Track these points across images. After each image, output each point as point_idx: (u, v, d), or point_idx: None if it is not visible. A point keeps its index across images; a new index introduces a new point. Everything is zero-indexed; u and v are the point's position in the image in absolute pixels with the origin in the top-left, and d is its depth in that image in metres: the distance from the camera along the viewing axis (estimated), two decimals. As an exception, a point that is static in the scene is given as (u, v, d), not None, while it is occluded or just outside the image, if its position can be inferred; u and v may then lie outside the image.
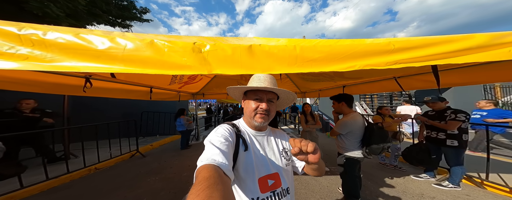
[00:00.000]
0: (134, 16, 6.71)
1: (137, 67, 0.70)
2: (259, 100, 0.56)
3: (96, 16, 5.74)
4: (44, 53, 0.58)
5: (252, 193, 0.49)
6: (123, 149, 3.34)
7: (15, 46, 0.55)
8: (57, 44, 0.59)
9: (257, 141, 0.58)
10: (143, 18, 7.06)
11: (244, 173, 0.50)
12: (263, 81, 0.57)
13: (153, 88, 2.75)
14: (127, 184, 2.24)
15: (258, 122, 0.55)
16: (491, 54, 0.68)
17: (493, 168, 2.05)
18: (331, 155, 3.19)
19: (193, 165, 3.16)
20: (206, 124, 7.83)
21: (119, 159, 3.19)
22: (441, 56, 0.73)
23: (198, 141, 5.09)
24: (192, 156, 3.53)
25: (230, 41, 2.68)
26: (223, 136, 0.48)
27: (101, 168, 2.77)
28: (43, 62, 0.57)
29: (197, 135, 5.25)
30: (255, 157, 0.53)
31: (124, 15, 6.50)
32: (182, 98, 4.13)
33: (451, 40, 0.73)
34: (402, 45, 0.78)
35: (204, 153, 0.42)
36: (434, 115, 1.99)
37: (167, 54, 0.73)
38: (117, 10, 6.09)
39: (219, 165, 0.37)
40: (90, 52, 0.63)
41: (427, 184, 2.06)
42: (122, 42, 0.69)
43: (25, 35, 0.56)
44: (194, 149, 4.06)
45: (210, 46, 0.78)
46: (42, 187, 2.03)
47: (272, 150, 0.58)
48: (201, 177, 0.32)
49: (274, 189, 0.52)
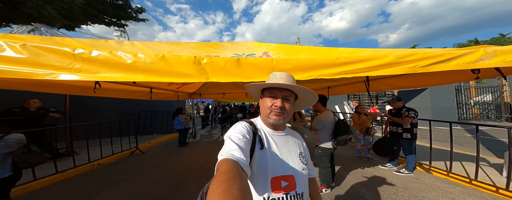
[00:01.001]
0: (129, 15, 6.67)
1: (154, 76, 0.97)
2: (274, 97, 0.55)
3: (92, 16, 5.74)
4: (90, 67, 0.83)
5: (263, 191, 0.48)
6: (122, 147, 3.52)
7: (72, 63, 0.80)
8: (98, 60, 0.85)
9: (273, 140, 0.56)
10: (138, 18, 7.05)
11: (257, 171, 0.49)
12: (279, 79, 0.56)
13: (153, 88, 2.97)
14: (130, 177, 2.46)
15: (272, 119, 0.54)
16: (395, 69, 1.02)
17: (438, 157, 2.49)
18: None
19: (191, 161, 3.50)
20: (203, 123, 8.03)
21: (120, 155, 3.37)
22: (367, 69, 1.06)
23: (195, 139, 5.31)
24: (190, 152, 3.76)
25: (226, 47, 3.00)
26: (241, 133, 0.49)
27: (103, 163, 2.96)
28: (90, 73, 0.83)
29: (194, 133, 5.45)
30: (270, 156, 0.52)
31: (120, 15, 6.47)
32: (179, 98, 4.35)
33: (373, 58, 1.06)
34: (344, 60, 1.10)
35: (224, 147, 0.44)
36: (394, 113, 2.40)
37: (175, 65, 1.00)
38: (112, 10, 6.08)
39: (237, 160, 0.38)
40: (120, 65, 0.89)
41: (389, 171, 2.45)
42: (142, 57, 0.96)
43: (78, 54, 0.82)
44: (192, 147, 4.28)
45: (207, 59, 1.07)
46: (51, 180, 2.21)
47: (289, 151, 0.57)
48: (222, 170, 0.33)
49: (288, 192, 0.50)
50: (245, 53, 2.28)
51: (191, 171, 2.64)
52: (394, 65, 1.02)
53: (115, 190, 2.07)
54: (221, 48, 2.54)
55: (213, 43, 2.76)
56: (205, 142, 4.88)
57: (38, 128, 2.39)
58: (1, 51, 0.69)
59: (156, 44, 1.86)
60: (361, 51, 1.67)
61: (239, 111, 8.48)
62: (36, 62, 0.73)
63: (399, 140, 2.33)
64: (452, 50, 1.01)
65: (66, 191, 2.05)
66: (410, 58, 1.01)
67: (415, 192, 1.89)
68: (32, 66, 0.72)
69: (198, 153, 3.64)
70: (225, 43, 2.94)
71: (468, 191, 1.92)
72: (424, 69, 0.97)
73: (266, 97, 0.56)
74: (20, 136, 1.39)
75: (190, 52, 1.89)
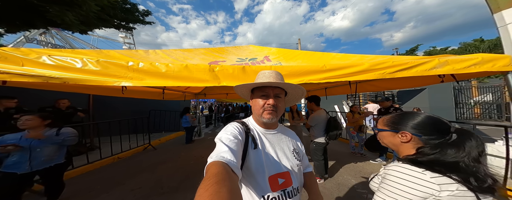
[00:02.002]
0: (137, 19, 7.03)
1: (180, 81, 1.26)
2: (265, 96, 0.54)
3: (104, 21, 6.17)
4: (138, 75, 1.14)
5: (263, 191, 0.48)
6: (134, 143, 3.87)
7: (127, 73, 1.11)
8: (143, 70, 1.16)
9: (267, 139, 0.56)
10: (145, 21, 7.41)
11: (254, 171, 0.49)
12: (268, 77, 0.56)
13: (165, 89, 3.31)
14: (147, 169, 2.79)
15: (266, 118, 0.53)
16: (369, 75, 1.28)
17: None
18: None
19: (199, 156, 3.91)
20: (207, 122, 8.39)
21: (135, 151, 3.73)
22: (347, 75, 1.32)
23: (200, 136, 5.65)
24: (196, 148, 4.08)
25: (230, 51, 3.37)
26: (232, 134, 0.48)
27: (122, 157, 3.31)
28: (138, 80, 1.13)
29: (199, 131, 5.79)
30: (264, 155, 0.52)
31: (128, 18, 6.84)
32: (186, 98, 4.70)
33: (352, 65, 1.32)
34: (330, 67, 1.37)
35: (215, 150, 0.43)
36: (383, 112, 2.64)
37: (195, 73, 1.30)
38: (121, 14, 6.48)
39: (227, 162, 0.37)
40: (158, 73, 1.19)
41: (378, 165, 2.70)
42: (172, 67, 1.26)
43: (130, 66, 1.12)
44: (198, 144, 4.62)
45: (219, 67, 1.36)
46: (82, 170, 2.57)
47: (283, 149, 0.57)
48: (210, 173, 0.33)
49: (285, 188, 0.51)
50: (247, 57, 2.58)
51: (199, 165, 2.94)
52: (368, 71, 1.29)
53: (137, 179, 2.40)
54: (226, 53, 2.84)
55: (219, 48, 3.07)
56: (209, 139, 5.23)
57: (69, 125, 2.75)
58: (84, 65, 1.00)
59: (173, 52, 2.17)
60: (350, 57, 1.94)
61: (241, 110, 8.81)
62: (106, 73, 1.04)
63: None
64: (414, 59, 1.26)
65: (97, 179, 2.39)
66: (381, 66, 1.27)
67: None
68: (104, 76, 1.03)
69: (204, 149, 3.95)
70: (229, 48, 3.24)
71: None
72: (391, 75, 1.23)
73: (257, 97, 0.56)
74: (74, 131, 1.66)
75: (200, 58, 2.21)
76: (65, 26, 4.88)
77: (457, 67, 1.17)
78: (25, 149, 1.42)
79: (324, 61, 1.91)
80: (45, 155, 1.49)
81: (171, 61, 1.71)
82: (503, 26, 1.95)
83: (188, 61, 1.85)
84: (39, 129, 1.50)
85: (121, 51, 1.56)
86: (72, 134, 1.65)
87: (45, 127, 1.54)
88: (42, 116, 1.55)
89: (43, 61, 0.92)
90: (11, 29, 5.08)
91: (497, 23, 2.02)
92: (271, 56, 2.73)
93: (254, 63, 2.09)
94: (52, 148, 1.54)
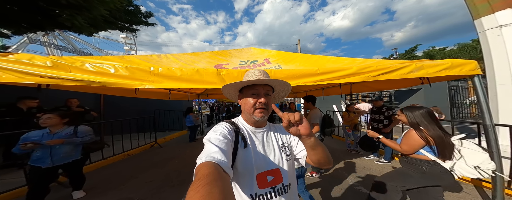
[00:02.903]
0: (140, 20, 7.21)
1: (192, 84, 1.46)
2: (256, 95, 0.55)
3: (111, 24, 6.39)
4: (158, 79, 1.33)
5: (250, 189, 0.48)
6: (142, 141, 4.08)
7: (150, 77, 1.30)
8: (162, 74, 1.35)
9: (256, 137, 0.56)
10: (148, 22, 7.58)
11: (243, 170, 0.49)
12: (258, 76, 0.56)
13: (171, 90, 3.51)
14: (156, 165, 2.99)
15: (258, 117, 0.53)
16: (356, 78, 1.47)
17: None
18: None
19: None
20: (208, 121, 8.61)
21: (142, 148, 3.94)
22: (337, 78, 1.51)
23: (203, 135, 5.86)
24: (200, 147, 4.05)
25: (233, 54, 3.63)
26: (221, 134, 0.48)
27: (132, 154, 3.52)
28: (158, 83, 1.32)
29: (202, 130, 6.00)
30: (254, 153, 0.52)
31: (132, 20, 7.03)
32: (190, 98, 4.91)
33: (342, 69, 1.51)
34: (323, 71, 1.56)
35: (204, 151, 0.42)
36: (375, 110, 2.82)
37: (205, 76, 1.49)
38: (125, 16, 6.68)
39: (218, 162, 0.37)
40: (174, 77, 1.39)
41: (371, 161, 2.89)
42: (185, 71, 1.45)
43: (151, 71, 1.32)
44: (200, 142, 4.71)
45: (225, 71, 1.55)
46: (98, 165, 2.78)
47: (271, 146, 0.57)
48: (201, 174, 0.32)
49: (274, 185, 0.51)
50: (249, 59, 2.77)
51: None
52: (356, 75, 1.48)
53: (149, 173, 2.60)
54: (229, 56, 3.05)
55: (222, 52, 3.28)
56: (212, 138, 5.46)
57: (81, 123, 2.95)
58: (116, 71, 1.19)
59: (182, 56, 2.37)
60: (343, 60, 2.14)
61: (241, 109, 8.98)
62: (133, 77, 1.23)
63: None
64: (395, 63, 1.45)
65: (113, 173, 2.61)
66: (367, 69, 1.46)
67: None
68: (132, 80, 1.22)
69: (208, 147, 4.17)
70: (232, 50, 3.44)
71: None
72: (375, 78, 1.42)
73: (248, 96, 0.56)
74: (90, 129, 1.82)
75: (206, 61, 2.41)
76: (75, 29, 5.10)
77: (431, 71, 1.36)
78: (46, 146, 1.55)
79: (320, 64, 2.11)
80: (63, 151, 1.64)
81: (181, 65, 1.91)
82: (482, 31, 2.14)
83: (196, 65, 2.05)
84: (58, 126, 1.64)
85: (139, 56, 1.76)
86: (89, 132, 1.80)
87: (63, 125, 1.68)
88: (61, 114, 1.68)
89: (86, 68, 1.12)
90: (19, 32, 5.30)
91: (477, 29, 2.20)
92: (271, 58, 2.94)
93: (255, 66, 2.29)
94: (70, 145, 1.68)
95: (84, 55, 22.54)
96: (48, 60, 1.07)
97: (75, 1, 4.15)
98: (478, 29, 2.17)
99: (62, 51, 20.66)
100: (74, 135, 1.69)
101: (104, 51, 25.82)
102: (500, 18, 1.91)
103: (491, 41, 1.98)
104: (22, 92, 2.39)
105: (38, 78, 1.04)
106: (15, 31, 5.18)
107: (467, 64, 1.36)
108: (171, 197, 1.91)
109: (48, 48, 19.84)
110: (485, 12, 2.06)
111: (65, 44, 21.14)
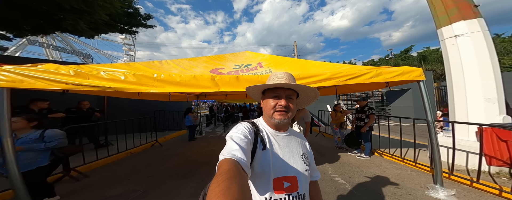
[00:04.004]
0: (139, 23, 7.33)
1: (190, 88, 1.70)
2: (277, 97, 0.55)
3: (111, 27, 6.57)
4: (160, 84, 1.58)
5: (265, 191, 0.49)
6: (142, 140, 4.31)
7: (153, 82, 1.54)
8: (164, 80, 1.60)
9: (276, 141, 0.55)
10: (147, 25, 7.70)
11: (259, 171, 0.49)
12: (281, 79, 0.56)
13: (171, 92, 3.75)
14: (157, 161, 3.23)
15: (277, 119, 0.53)
16: (330, 82, 1.74)
17: (397, 145, 3.14)
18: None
19: (201, 151, 4.46)
20: (207, 121, 8.83)
21: (144, 147, 4.16)
22: (315, 82, 1.77)
23: (202, 135, 6.10)
24: (199, 145, 4.52)
25: (228, 59, 3.97)
26: (242, 133, 0.49)
27: (134, 152, 3.75)
28: (160, 88, 1.57)
29: (200, 130, 6.24)
30: (272, 157, 0.52)
31: (132, 23, 7.17)
32: (189, 99, 5.15)
33: (318, 74, 1.77)
34: (303, 76, 1.81)
35: (226, 147, 0.44)
36: (359, 110, 3.10)
37: (201, 81, 1.74)
38: (125, 18, 6.82)
39: (238, 160, 0.38)
40: (174, 82, 1.63)
41: (353, 156, 3.17)
42: (184, 77, 1.70)
43: (155, 77, 1.56)
44: (199, 141, 5.06)
45: (218, 77, 1.81)
46: (104, 161, 3.01)
47: (292, 152, 0.56)
48: (222, 169, 0.34)
49: (290, 192, 0.50)
50: (243, 63, 3.03)
51: (203, 158, 3.39)
52: (329, 79, 1.75)
53: (151, 169, 2.85)
54: (225, 60, 3.30)
55: (218, 56, 3.54)
56: (210, 137, 5.67)
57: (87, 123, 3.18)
58: (126, 78, 1.44)
59: (181, 61, 2.62)
60: (325, 64, 2.41)
61: (240, 110, 9.25)
62: (139, 83, 1.48)
63: (361, 132, 3.05)
64: (360, 70, 1.72)
65: (118, 169, 2.85)
66: (337, 75, 1.73)
67: (363, 169, 2.63)
68: (138, 85, 1.47)
69: (206, 146, 4.40)
70: (228, 55, 3.70)
71: (399, 166, 2.68)
72: (344, 82, 1.69)
73: (269, 97, 0.56)
74: (60, 133, 1.59)
75: (203, 66, 2.66)
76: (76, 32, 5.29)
77: (387, 77, 1.63)
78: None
79: (305, 68, 2.37)
80: (27, 157, 1.45)
81: (180, 70, 2.16)
82: (443, 40, 2.43)
83: (194, 70, 2.30)
84: (24, 130, 1.49)
85: (143, 63, 2.01)
86: (57, 136, 1.58)
87: (31, 128, 1.52)
88: (28, 117, 1.52)
89: (101, 75, 1.36)
90: (20, 34, 5.46)
91: (439, 37, 2.49)
92: (264, 62, 3.22)
93: (248, 70, 2.55)
94: (34, 151, 1.48)
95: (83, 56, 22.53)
96: (71, 69, 1.32)
97: (78, 6, 4.36)
98: (439, 38, 2.46)
99: (61, 52, 20.66)
100: (40, 139, 1.52)
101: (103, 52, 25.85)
102: (456, 29, 2.20)
103: (449, 49, 2.26)
104: (33, 95, 2.61)
105: (64, 85, 1.28)
106: (16, 33, 5.36)
107: (414, 71, 1.64)
108: (172, 188, 2.14)
109: (47, 50, 19.84)
110: (445, 23, 2.35)
111: (63, 45, 21.13)
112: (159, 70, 1.78)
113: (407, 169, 2.55)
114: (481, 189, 1.79)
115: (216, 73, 2.05)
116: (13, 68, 1.22)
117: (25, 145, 1.45)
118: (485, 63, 2.05)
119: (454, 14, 2.21)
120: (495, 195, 1.68)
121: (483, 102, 2.06)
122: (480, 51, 2.08)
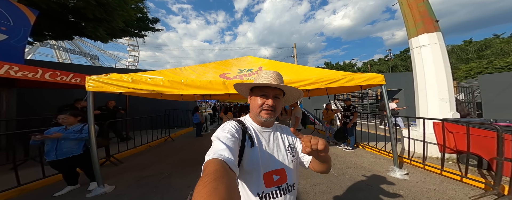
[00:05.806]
0: (148, 27, 7.70)
1: (207, 91, 2.23)
2: (265, 96, 0.56)
3: (125, 32, 7.19)
4: (186, 87, 2.12)
5: (257, 187, 0.50)
6: (156, 136, 4.89)
7: (181, 86, 2.07)
8: (188, 84, 2.12)
9: (263, 137, 0.57)
10: (155, 28, 8.06)
11: (249, 168, 0.51)
12: (269, 78, 0.56)
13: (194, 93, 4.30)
14: (173, 153, 3.80)
15: (264, 117, 0.55)
16: (315, 85, 2.25)
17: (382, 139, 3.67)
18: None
19: (208, 145, 5.20)
20: (211, 120, 9.42)
21: (158, 141, 4.75)
22: (303, 85, 2.27)
23: (207, 132, 6.69)
24: (206, 140, 5.10)
25: (233, 64, 4.66)
26: (229, 132, 0.49)
27: (152, 145, 4.34)
28: (185, 90, 2.10)
29: (206, 127, 6.82)
30: (260, 152, 0.53)
31: (141, 27, 7.73)
32: (196, 98, 5.72)
33: (305, 79, 2.28)
34: (294, 80, 2.32)
35: (212, 148, 0.44)
36: (346, 108, 3.61)
37: (215, 85, 2.26)
38: (136, 23, 7.38)
39: (225, 160, 0.38)
40: (196, 86, 2.16)
41: (341, 149, 3.64)
42: (202, 81, 2.24)
43: (182, 82, 2.10)
44: (206, 137, 5.65)
45: (227, 81, 2.33)
46: (130, 152, 3.61)
47: (278, 146, 0.58)
48: (208, 170, 0.33)
49: (279, 185, 0.52)
50: (246, 68, 3.57)
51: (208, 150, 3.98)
52: (314, 83, 2.25)
53: (169, 158, 3.41)
54: (230, 65, 3.85)
55: (224, 62, 4.09)
56: (215, 133, 6.29)
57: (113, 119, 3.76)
58: (164, 83, 1.98)
59: (196, 68, 3.16)
60: (316, 70, 2.92)
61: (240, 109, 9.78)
62: (172, 87, 2.01)
63: (346, 128, 3.55)
64: (337, 75, 2.21)
65: (144, 157, 3.43)
66: (321, 80, 2.24)
67: (346, 158, 3.13)
68: (172, 88, 2.01)
69: (212, 140, 4.97)
70: (232, 60, 4.24)
71: (376, 156, 3.19)
72: (325, 86, 2.20)
73: (257, 95, 0.57)
74: (96, 128, 1.89)
75: (213, 71, 3.20)
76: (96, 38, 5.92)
77: (358, 82, 2.14)
78: (54, 140, 1.70)
79: (298, 73, 2.89)
80: (66, 146, 1.75)
81: (196, 76, 2.69)
82: (412, 49, 2.91)
83: (206, 75, 2.83)
84: (73, 124, 1.83)
85: (169, 70, 2.56)
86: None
87: (78, 122, 1.86)
88: (73, 114, 1.86)
89: (148, 81, 1.91)
90: (40, 39, 6.08)
91: (410, 47, 2.98)
92: (264, 67, 3.78)
93: (250, 74, 3.08)
94: (73, 141, 1.79)
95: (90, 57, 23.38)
96: (130, 77, 1.87)
97: (100, 15, 4.96)
98: (410, 47, 2.95)
99: (70, 53, 21.50)
100: (79, 131, 1.82)
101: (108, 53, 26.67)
102: (421, 40, 2.67)
103: (416, 57, 2.74)
104: (78, 95, 3.17)
105: (126, 89, 1.84)
106: (37, 38, 6.00)
107: (378, 78, 2.14)
108: (189, 172, 2.68)
109: (57, 51, 20.70)
110: (413, 34, 2.84)
111: (72, 47, 21.99)
112: (181, 76, 2.33)
113: (381, 158, 3.05)
114: (429, 170, 2.32)
115: (225, 78, 2.57)
116: (96, 77, 1.80)
117: (66, 134, 1.78)
118: (440, 70, 2.54)
119: (420, 27, 2.69)
120: (437, 174, 2.23)
121: (438, 101, 2.56)
122: (437, 60, 2.57)
